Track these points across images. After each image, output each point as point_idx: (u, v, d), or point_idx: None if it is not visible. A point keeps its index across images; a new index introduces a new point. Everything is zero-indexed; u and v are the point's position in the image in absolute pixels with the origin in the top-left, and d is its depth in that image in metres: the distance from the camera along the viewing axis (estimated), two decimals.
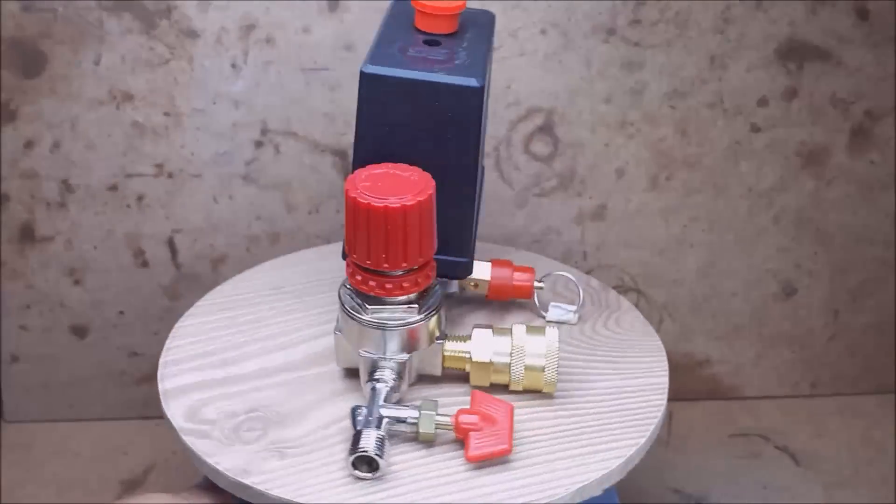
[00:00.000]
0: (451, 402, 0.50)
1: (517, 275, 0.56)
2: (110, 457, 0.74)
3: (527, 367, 0.50)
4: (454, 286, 0.56)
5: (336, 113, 0.69)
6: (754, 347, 0.77)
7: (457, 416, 0.47)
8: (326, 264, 0.60)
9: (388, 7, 0.54)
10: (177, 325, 0.57)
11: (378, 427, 0.46)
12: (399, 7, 0.54)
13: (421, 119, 0.49)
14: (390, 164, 0.47)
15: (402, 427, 0.47)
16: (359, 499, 0.45)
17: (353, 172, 0.47)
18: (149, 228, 0.72)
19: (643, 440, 0.49)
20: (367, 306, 0.48)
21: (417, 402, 0.48)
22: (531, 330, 0.50)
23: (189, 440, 0.49)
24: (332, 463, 0.47)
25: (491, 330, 0.51)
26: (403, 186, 0.45)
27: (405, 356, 0.49)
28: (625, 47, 0.67)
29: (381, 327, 0.48)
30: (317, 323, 0.56)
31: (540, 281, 0.57)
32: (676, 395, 0.78)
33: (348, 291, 0.49)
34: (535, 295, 0.57)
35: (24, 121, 0.69)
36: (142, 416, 0.77)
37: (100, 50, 0.67)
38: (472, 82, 0.48)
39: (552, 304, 0.57)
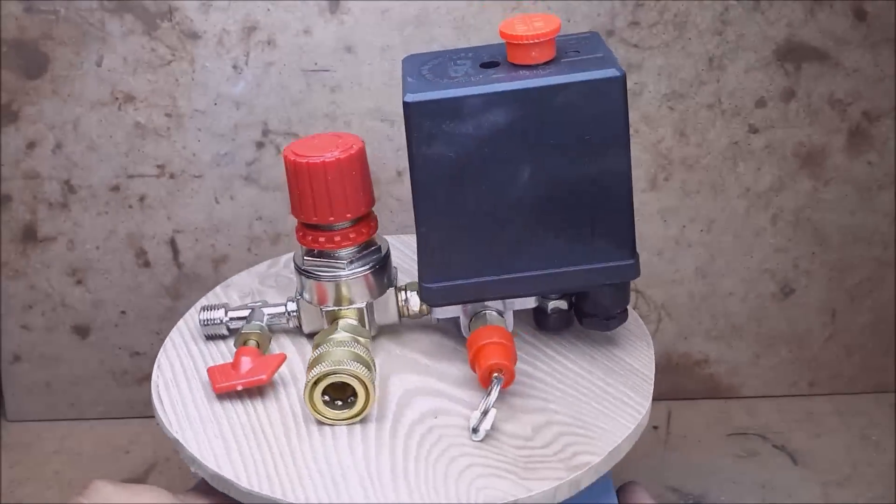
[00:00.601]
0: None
1: (486, 352, 0.48)
2: (112, 456, 0.75)
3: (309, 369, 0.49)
4: (463, 325, 0.53)
5: (337, 114, 0.69)
6: (752, 347, 0.77)
7: (243, 348, 0.52)
8: None
9: None
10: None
11: (231, 313, 0.55)
12: None
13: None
14: (319, 135, 0.53)
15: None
16: (186, 346, 0.55)
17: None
18: (150, 229, 0.72)
19: None
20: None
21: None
22: (358, 356, 0.48)
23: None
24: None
25: (353, 329, 0.51)
26: (328, 147, 0.51)
27: (299, 298, 0.54)
28: (623, 48, 0.68)
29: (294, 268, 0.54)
30: None
31: (500, 374, 0.47)
32: (675, 394, 0.79)
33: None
34: (491, 386, 0.47)
35: (27, 121, 0.69)
36: (143, 415, 0.77)
37: (101, 51, 0.67)
38: (410, 97, 0.45)
39: (494, 409, 0.47)
